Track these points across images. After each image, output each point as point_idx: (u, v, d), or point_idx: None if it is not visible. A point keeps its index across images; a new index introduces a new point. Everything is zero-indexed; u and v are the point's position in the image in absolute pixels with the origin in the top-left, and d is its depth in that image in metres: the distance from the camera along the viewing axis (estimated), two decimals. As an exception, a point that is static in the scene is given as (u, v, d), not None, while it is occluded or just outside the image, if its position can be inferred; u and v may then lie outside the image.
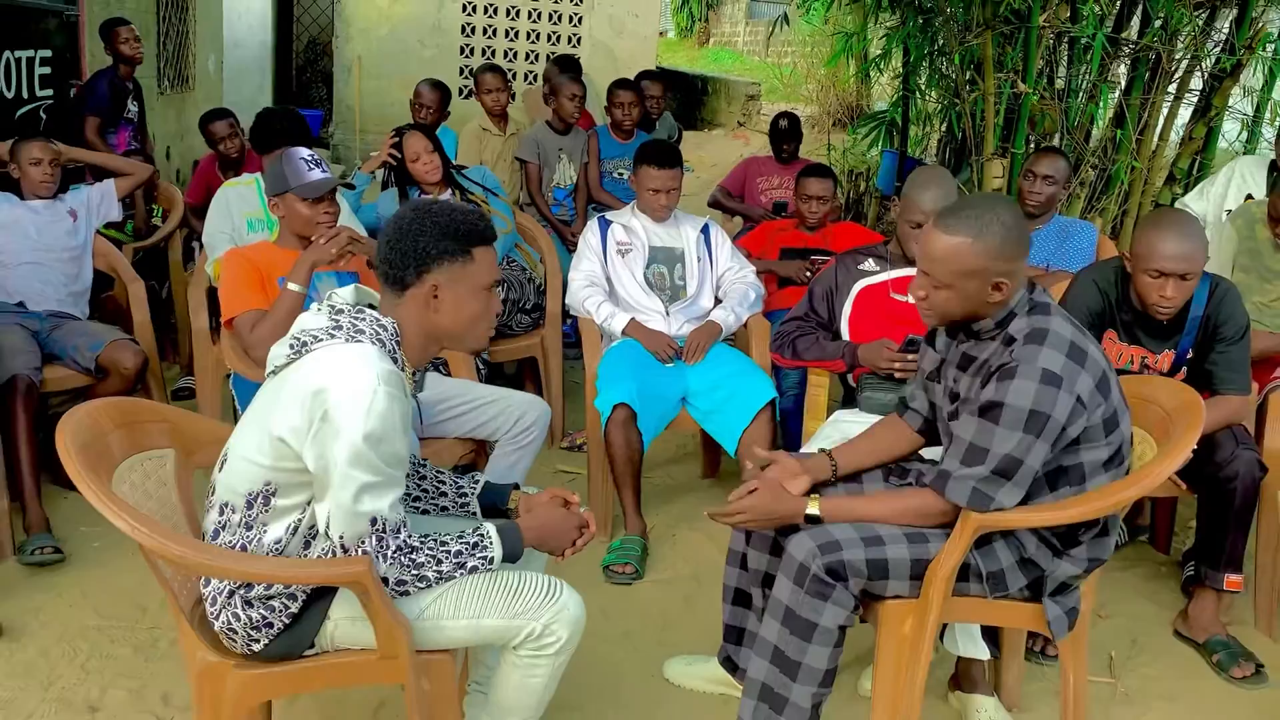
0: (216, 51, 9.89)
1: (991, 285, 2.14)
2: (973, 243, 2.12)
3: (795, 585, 2.17)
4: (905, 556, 2.19)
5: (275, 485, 1.92)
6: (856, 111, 11.25)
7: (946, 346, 2.38)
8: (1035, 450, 2.10)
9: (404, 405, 1.92)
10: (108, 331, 3.83)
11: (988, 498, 2.13)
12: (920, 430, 2.50)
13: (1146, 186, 5.47)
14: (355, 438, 1.82)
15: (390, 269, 1.98)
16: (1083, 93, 5.45)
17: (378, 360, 1.89)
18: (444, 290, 1.98)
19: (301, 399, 1.86)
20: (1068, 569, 2.24)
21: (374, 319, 1.96)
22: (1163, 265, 2.83)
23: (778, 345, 3.35)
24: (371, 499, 1.87)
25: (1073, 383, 2.09)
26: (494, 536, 2.02)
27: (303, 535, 1.96)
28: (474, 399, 3.15)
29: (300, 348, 1.93)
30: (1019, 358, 2.10)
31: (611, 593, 3.20)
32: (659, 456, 4.20)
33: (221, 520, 1.97)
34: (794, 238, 4.51)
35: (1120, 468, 2.22)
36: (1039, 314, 2.18)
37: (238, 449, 1.96)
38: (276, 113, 4.22)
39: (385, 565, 1.90)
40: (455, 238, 1.97)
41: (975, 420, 2.14)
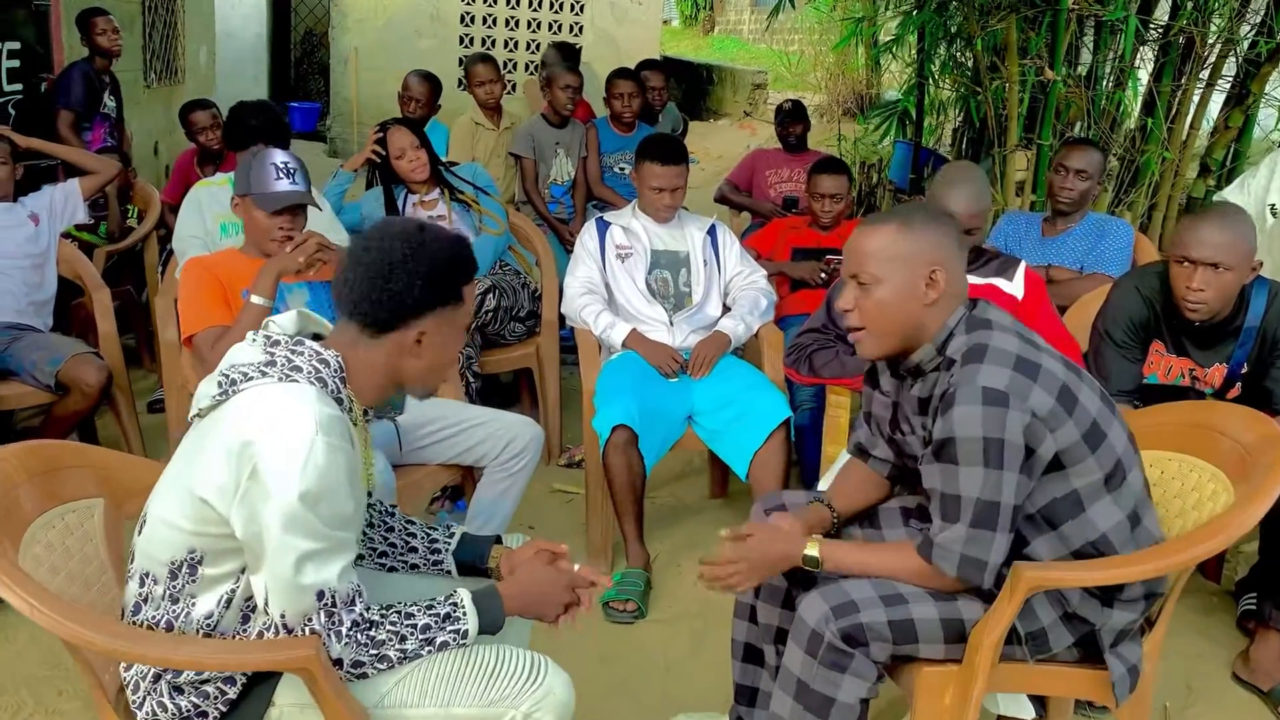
0: (208, 43, 9.61)
1: (926, 278, 1.91)
2: (898, 228, 1.94)
3: (808, 655, 1.89)
4: (934, 616, 1.91)
5: (201, 552, 1.64)
6: (867, 100, 10.93)
7: (895, 388, 2.11)
8: (1007, 484, 1.83)
9: (349, 456, 1.63)
10: (69, 345, 3.57)
11: (979, 563, 1.87)
12: (890, 476, 2.23)
13: (1177, 179, 5.17)
14: (290, 499, 1.55)
15: (373, 310, 1.69)
16: (1108, 79, 5.16)
17: (316, 404, 1.60)
18: (429, 337, 1.72)
19: (227, 452, 1.58)
20: (1123, 616, 1.95)
21: (313, 353, 1.67)
22: (1189, 251, 2.60)
23: (793, 360, 3.05)
24: (315, 569, 1.59)
25: (1023, 399, 1.82)
26: (468, 606, 1.74)
27: (239, 608, 1.68)
28: (460, 421, 2.87)
29: (229, 387, 1.64)
30: (956, 381, 1.85)
31: (610, 634, 2.92)
32: (663, 474, 3.91)
33: (143, 592, 1.69)
34: (806, 236, 4.22)
35: (1125, 486, 1.94)
36: (978, 330, 1.92)
37: (157, 510, 1.68)
38: (251, 107, 3.93)
39: (339, 645, 1.62)
40: (450, 281, 1.72)
41: (937, 466, 1.88)
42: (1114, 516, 1.92)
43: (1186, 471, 2.15)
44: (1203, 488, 2.11)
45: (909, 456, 2.11)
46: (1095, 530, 1.92)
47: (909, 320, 1.94)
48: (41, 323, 3.75)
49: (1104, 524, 1.92)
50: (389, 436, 2.79)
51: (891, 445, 2.17)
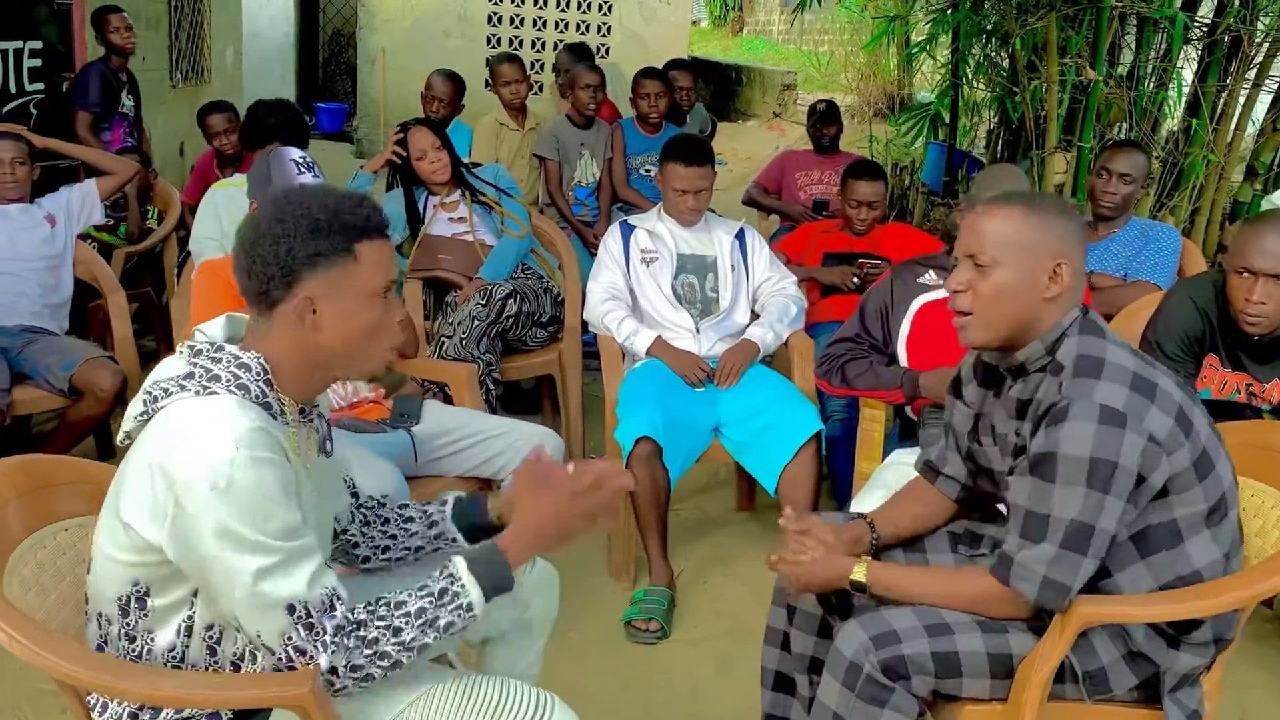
0: (235, 43, 9.60)
1: (1050, 270, 1.78)
2: (1026, 213, 1.80)
3: (845, 688, 1.77)
4: (980, 650, 1.78)
5: (145, 583, 1.52)
6: (898, 101, 10.77)
7: (981, 399, 1.98)
8: (1108, 510, 1.69)
9: (278, 467, 1.48)
10: (84, 349, 3.51)
11: (1063, 588, 1.72)
12: (958, 499, 2.09)
13: (1222, 182, 5.00)
14: (222, 523, 1.42)
15: (251, 283, 1.54)
16: (1150, 79, 5.00)
17: (236, 416, 1.46)
18: (322, 303, 1.53)
19: (149, 480, 1.45)
20: (1189, 660, 1.82)
21: (231, 358, 1.53)
22: (1251, 262, 2.49)
23: (825, 371, 2.93)
24: (276, 583, 1.45)
25: (1140, 419, 1.68)
26: (463, 575, 1.57)
27: (201, 635, 1.55)
28: (478, 432, 2.78)
29: (150, 405, 1.51)
30: (1070, 395, 1.71)
31: (633, 655, 2.81)
32: (688, 486, 3.77)
33: (101, 634, 1.58)
34: (838, 240, 4.09)
35: (1225, 523, 1.80)
36: (1091, 336, 1.79)
37: (99, 545, 1.56)
38: (269, 105, 3.87)
39: (326, 656, 1.48)
40: (330, 233, 1.52)
41: (1029, 480, 1.74)
42: (1211, 554, 1.79)
43: (1249, 496, 2.01)
44: (1267, 514, 1.98)
45: (984, 472, 1.98)
46: (1189, 566, 1.78)
47: (1024, 312, 1.80)
48: (57, 326, 3.70)
49: (1199, 560, 1.78)
50: (405, 447, 2.70)
51: (968, 461, 2.03)
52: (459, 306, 3.63)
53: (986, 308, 1.81)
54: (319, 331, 1.55)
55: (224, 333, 1.60)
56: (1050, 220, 1.81)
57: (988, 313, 1.82)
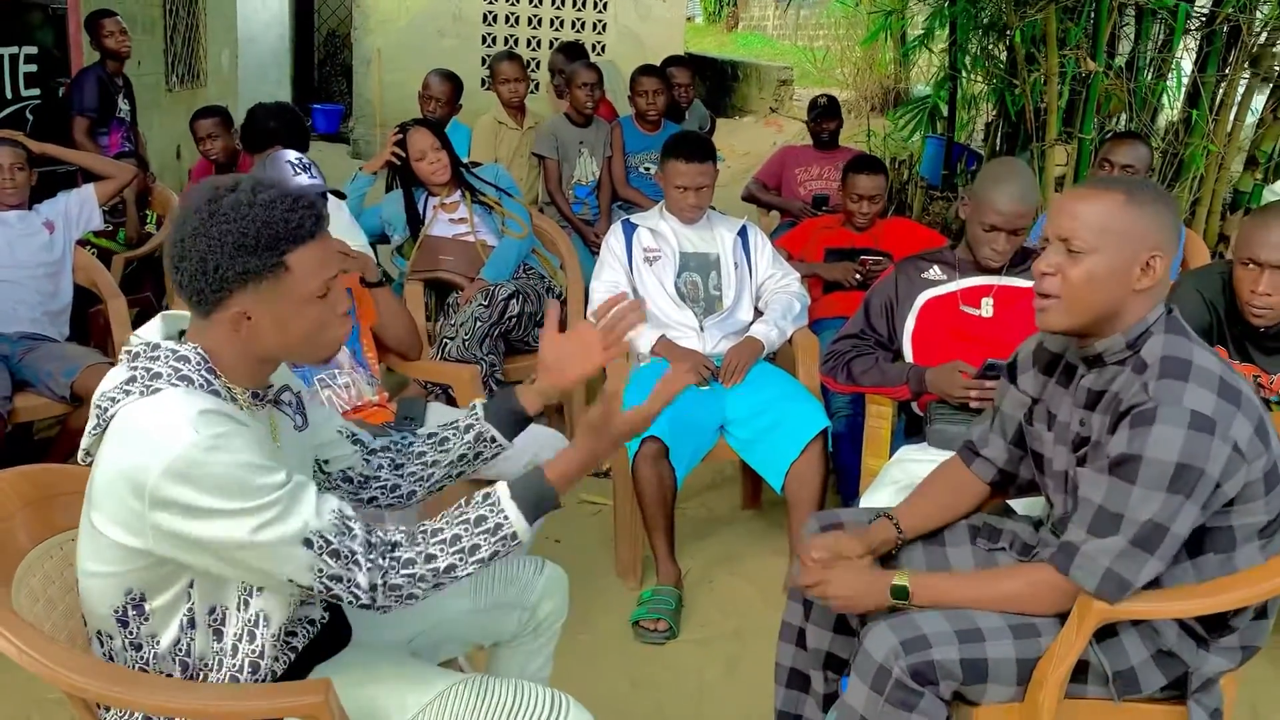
0: (230, 46, 9.58)
1: (1144, 262, 1.73)
2: (1127, 200, 1.74)
3: (873, 692, 1.74)
4: (1010, 656, 1.76)
5: (140, 589, 1.51)
6: (895, 95, 10.75)
7: (1040, 386, 1.96)
8: (1184, 514, 1.67)
9: (243, 434, 1.45)
10: (85, 355, 3.49)
11: (1124, 582, 1.70)
12: (992, 481, 2.07)
13: (1222, 172, 4.99)
14: (202, 506, 1.40)
15: (181, 290, 1.50)
16: (1149, 69, 4.99)
17: (184, 404, 1.43)
18: (256, 313, 1.50)
19: (116, 490, 1.43)
20: (1217, 663, 1.81)
21: (170, 353, 1.49)
22: (1257, 253, 2.47)
23: (830, 368, 2.91)
24: (279, 528, 1.43)
25: (1228, 427, 1.65)
26: (505, 507, 1.55)
27: (205, 625, 1.54)
28: (482, 434, 2.75)
29: (100, 417, 1.49)
30: (1158, 397, 1.67)
31: (641, 655, 2.80)
32: (694, 484, 3.76)
33: (105, 651, 1.56)
34: (840, 236, 4.08)
35: (1278, 535, 1.79)
36: (1178, 337, 1.75)
37: (82, 565, 1.54)
38: (268, 109, 3.84)
39: (363, 574, 1.47)
40: (258, 249, 1.46)
41: (1106, 478, 1.70)
42: (1256, 564, 1.77)
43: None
44: (1280, 507, 1.96)
45: (1032, 457, 1.96)
46: (1235, 573, 1.77)
47: (1111, 302, 1.75)
48: (57, 332, 3.67)
49: (1245, 569, 1.77)
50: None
51: (1014, 447, 2.01)
52: (461, 307, 3.62)
53: (1074, 294, 1.76)
54: (257, 338, 1.52)
55: (160, 333, 1.56)
56: (1150, 209, 1.75)
57: (1074, 299, 1.76)
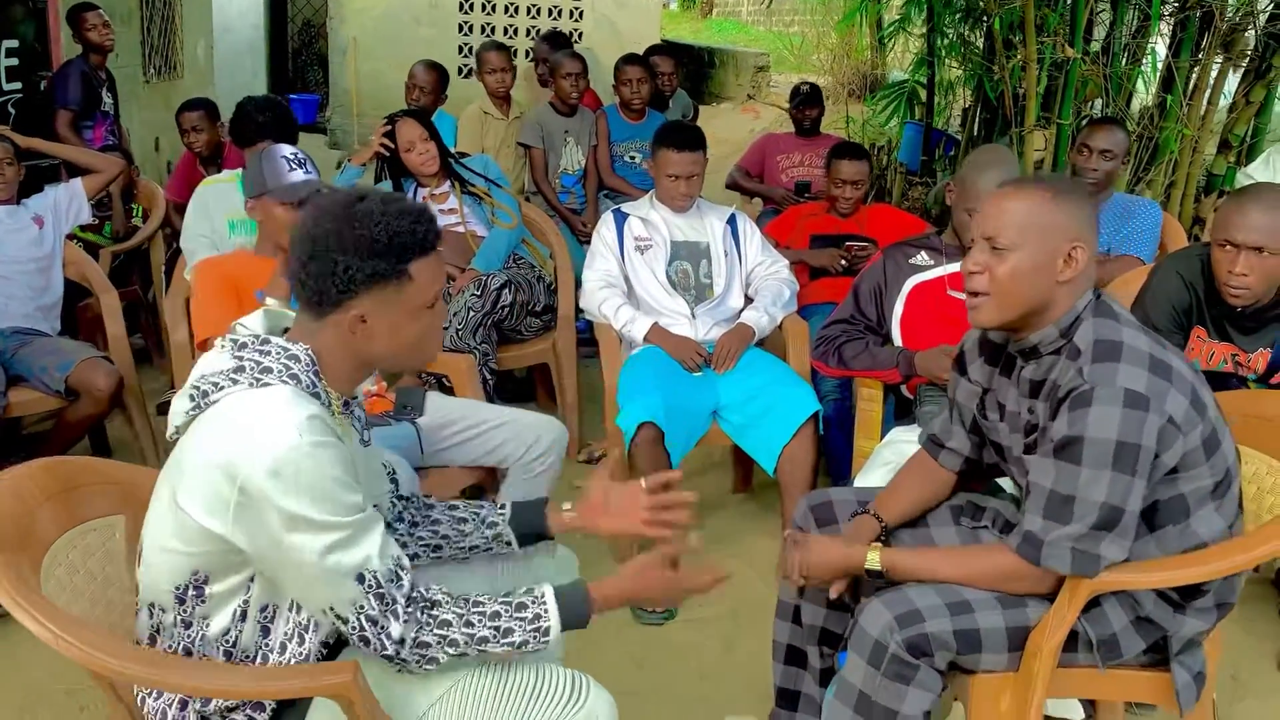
0: (206, 37, 9.52)
1: (1066, 254, 1.81)
2: (1046, 197, 1.83)
3: (870, 666, 1.81)
4: (1000, 625, 1.84)
5: (205, 572, 1.56)
6: (872, 81, 10.81)
7: (988, 375, 2.03)
8: (1134, 490, 1.74)
9: (338, 449, 1.53)
10: (79, 349, 3.50)
11: (1094, 558, 1.77)
12: (959, 471, 2.15)
13: (1196, 155, 5.08)
14: (289, 509, 1.47)
15: (304, 291, 1.58)
16: (1125, 55, 5.07)
17: (293, 405, 1.51)
18: (373, 318, 1.58)
19: (209, 473, 1.50)
20: (1194, 624, 1.89)
21: (281, 349, 1.57)
22: (1232, 235, 2.52)
23: (821, 353, 2.97)
24: (345, 554, 1.51)
25: (1161, 401, 1.74)
26: (549, 603, 1.63)
27: (255, 620, 1.60)
28: (481, 422, 2.80)
29: (200, 400, 1.55)
30: (1093, 379, 1.75)
31: (642, 636, 2.85)
32: (685, 469, 3.75)
33: (154, 623, 1.61)
34: (825, 223, 4.14)
35: (1229, 496, 1.87)
36: (1106, 320, 1.83)
37: (152, 537, 1.60)
38: (258, 102, 3.85)
39: (398, 625, 1.53)
40: (386, 254, 1.55)
41: (1052, 462, 1.78)
42: (1216, 526, 1.85)
43: (1244, 463, 2.08)
44: (1261, 480, 2.05)
45: (991, 445, 2.03)
46: (1195, 538, 1.84)
47: (1038, 295, 1.83)
48: (49, 327, 3.68)
49: (1205, 533, 1.85)
50: (410, 439, 2.73)
51: (972, 435, 2.09)
52: (454, 297, 3.66)
53: (1002, 290, 1.84)
54: (368, 342, 1.60)
55: (263, 326, 1.64)
56: (1067, 204, 1.83)
57: (1003, 295, 1.84)
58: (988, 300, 1.86)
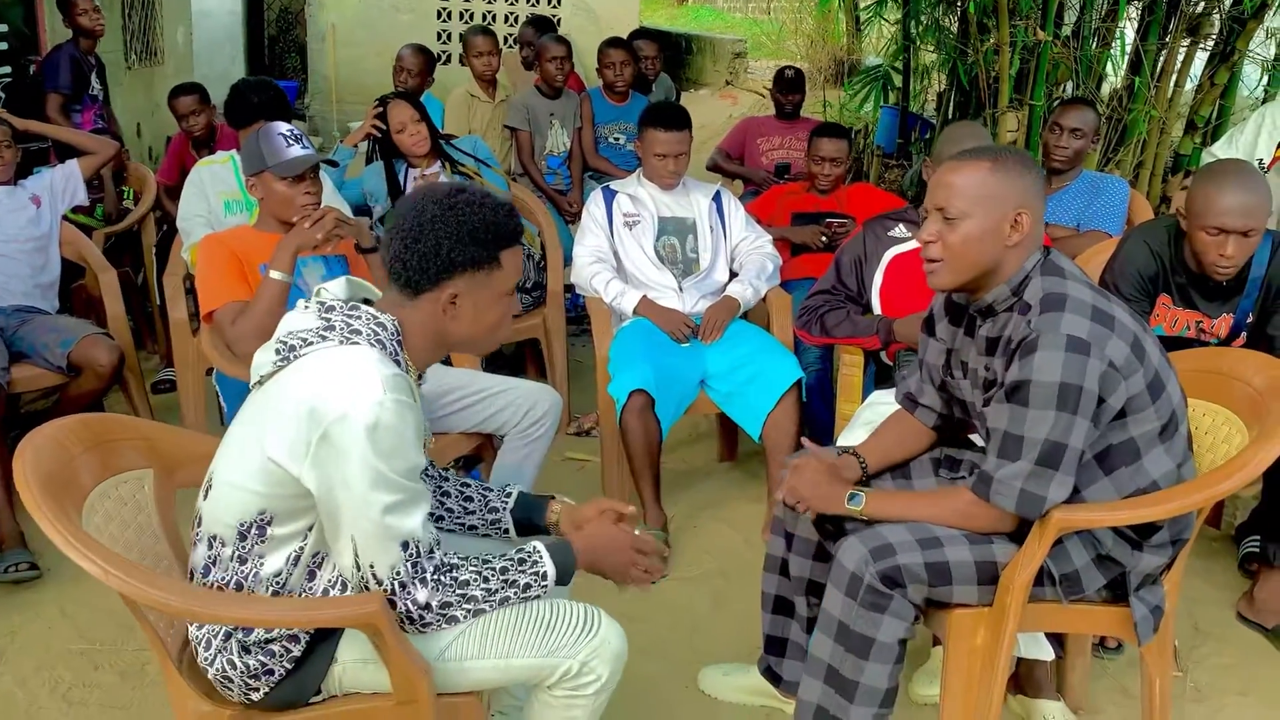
0: (185, 23, 9.53)
1: (1011, 220, 1.95)
2: (992, 167, 1.97)
3: (848, 597, 1.96)
4: (968, 559, 1.98)
5: (271, 513, 1.69)
6: (849, 66, 10.94)
7: (951, 335, 2.18)
8: (1076, 429, 1.89)
9: (415, 412, 1.68)
10: (79, 326, 3.57)
11: (1038, 498, 1.92)
12: (935, 426, 2.29)
13: (1163, 136, 5.23)
14: (366, 458, 1.59)
15: (404, 270, 1.74)
16: (1095, 38, 5.21)
17: (380, 365, 1.65)
18: (464, 299, 1.76)
19: (295, 416, 1.62)
20: (1151, 560, 2.03)
21: (371, 316, 1.73)
22: (1223, 221, 2.61)
23: (804, 322, 3.10)
24: (399, 519, 1.64)
25: (1102, 347, 1.88)
26: (543, 552, 1.79)
27: (306, 565, 1.73)
28: (480, 390, 2.91)
29: (288, 353, 1.69)
30: (1038, 328, 1.89)
31: (635, 595, 2.97)
32: (673, 439, 3.91)
33: (211, 555, 1.73)
34: (805, 201, 4.26)
35: (1177, 437, 2.01)
36: (1053, 276, 1.98)
37: (224, 474, 1.72)
38: (252, 84, 3.91)
39: (425, 591, 1.67)
40: (484, 242, 1.74)
41: (1006, 406, 1.93)
42: (1165, 465, 1.99)
43: (1201, 416, 2.22)
44: (1217, 430, 2.18)
45: (957, 403, 2.17)
46: (1147, 478, 1.98)
47: (988, 259, 1.98)
48: (48, 305, 3.75)
49: (1155, 472, 1.98)
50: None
51: (941, 392, 2.22)
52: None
53: (954, 256, 1.99)
54: (455, 321, 1.76)
55: (345, 293, 1.78)
56: (1011, 173, 1.97)
57: (955, 260, 1.99)
58: (942, 265, 2.01)
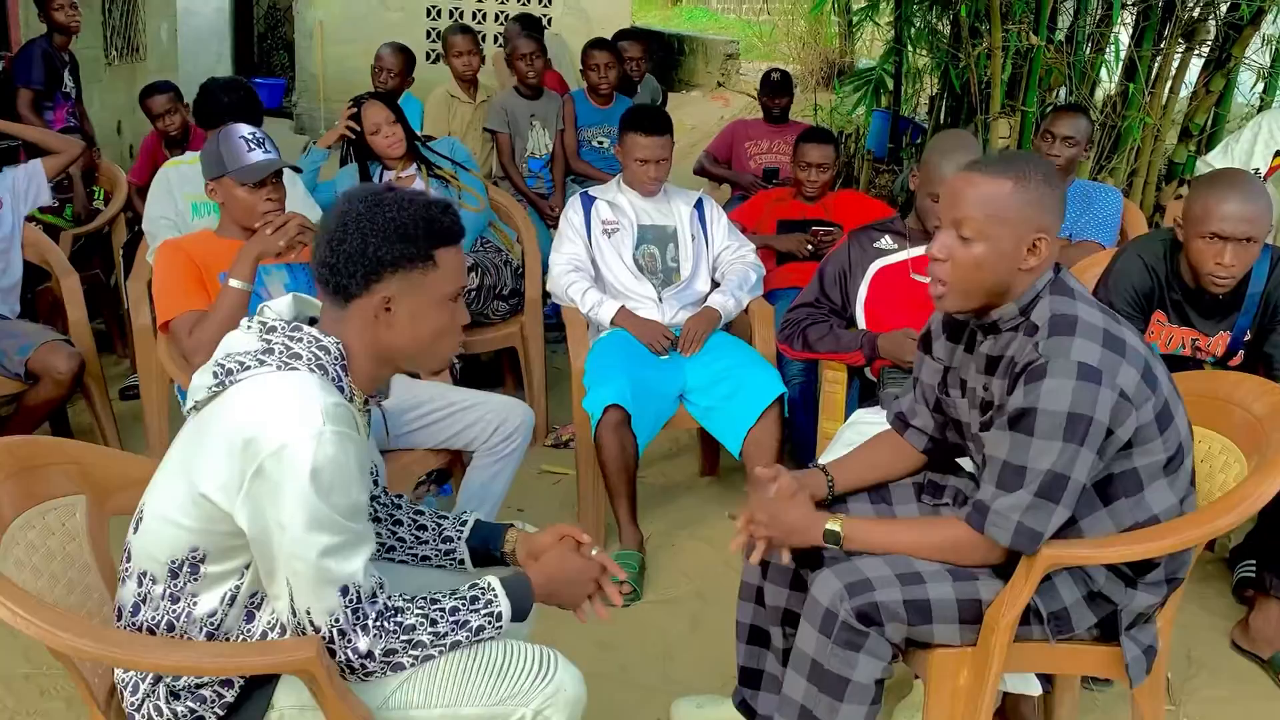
0: (169, 19, 9.40)
1: (1029, 244, 1.82)
2: (1014, 186, 1.81)
3: (822, 635, 1.84)
4: (950, 597, 1.86)
5: (204, 550, 1.57)
6: (840, 69, 10.85)
7: (949, 353, 2.05)
8: (1081, 461, 1.77)
9: (358, 444, 1.56)
10: (39, 332, 3.46)
11: (1035, 534, 1.80)
12: (925, 450, 2.17)
13: (1158, 144, 5.14)
14: (304, 495, 1.47)
15: (331, 275, 1.60)
16: (1088, 44, 5.12)
17: (319, 393, 1.53)
18: (398, 303, 1.61)
19: (228, 448, 1.50)
20: (1145, 599, 1.92)
21: (312, 338, 1.60)
22: (1221, 228, 2.52)
23: (786, 335, 2.99)
24: (337, 563, 1.52)
25: (1114, 375, 1.76)
26: (497, 589, 1.67)
27: (243, 605, 1.61)
28: (447, 405, 2.80)
29: (225, 377, 1.57)
30: (1047, 353, 1.77)
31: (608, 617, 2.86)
32: (652, 453, 3.81)
33: (141, 592, 1.61)
34: (792, 208, 4.15)
35: (1181, 470, 1.90)
36: (1063, 297, 1.85)
37: (154, 507, 1.61)
38: (222, 84, 3.80)
39: (367, 639, 1.55)
40: (414, 239, 1.60)
41: (1007, 434, 1.81)
42: (1167, 500, 1.88)
43: (1197, 443, 2.11)
44: (1214, 459, 2.08)
45: (951, 424, 2.05)
46: (1147, 512, 1.87)
47: (1000, 281, 1.85)
48: (8, 309, 3.64)
49: (1157, 507, 1.88)
50: (375, 422, 2.72)
51: (935, 414, 2.10)
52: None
53: (965, 278, 1.85)
54: (390, 329, 1.62)
55: (291, 311, 1.66)
56: (1035, 192, 1.82)
57: (965, 282, 1.86)
58: (951, 288, 1.88)
